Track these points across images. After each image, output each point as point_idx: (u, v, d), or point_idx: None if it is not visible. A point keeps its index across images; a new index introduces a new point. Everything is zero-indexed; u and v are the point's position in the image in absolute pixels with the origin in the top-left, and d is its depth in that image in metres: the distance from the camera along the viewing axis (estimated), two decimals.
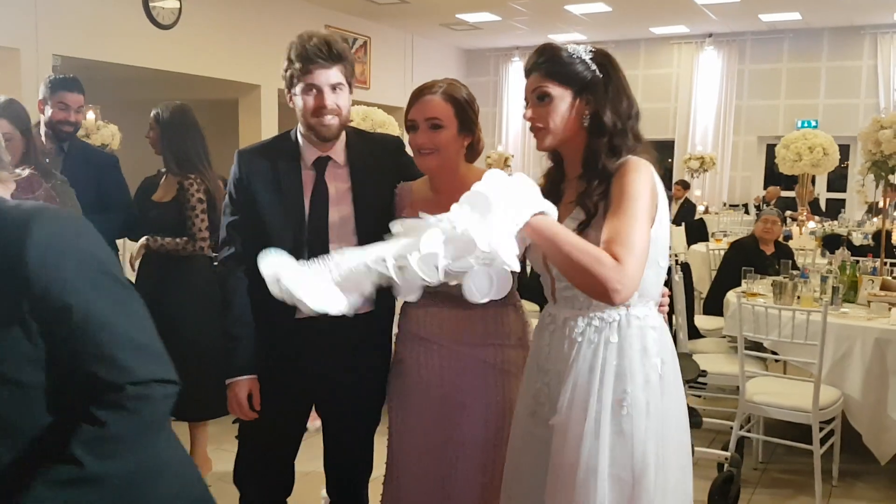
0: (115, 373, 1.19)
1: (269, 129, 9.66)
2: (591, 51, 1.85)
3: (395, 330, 2.40)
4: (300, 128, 2.26)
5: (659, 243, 1.79)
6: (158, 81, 8.82)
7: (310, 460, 2.63)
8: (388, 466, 2.34)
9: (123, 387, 1.19)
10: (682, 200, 10.69)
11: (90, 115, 6.12)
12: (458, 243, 1.54)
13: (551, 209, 1.66)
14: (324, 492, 2.64)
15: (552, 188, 1.92)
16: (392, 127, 4.70)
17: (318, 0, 10.11)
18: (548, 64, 1.83)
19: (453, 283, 1.62)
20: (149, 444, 1.26)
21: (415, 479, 2.25)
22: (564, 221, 1.79)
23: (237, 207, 2.27)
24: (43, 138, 3.42)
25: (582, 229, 1.77)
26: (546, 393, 1.88)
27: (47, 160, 3.03)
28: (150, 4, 8.27)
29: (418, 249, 1.53)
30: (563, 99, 1.82)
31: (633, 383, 1.77)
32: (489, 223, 1.53)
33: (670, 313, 4.50)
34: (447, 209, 1.80)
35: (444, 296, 2.14)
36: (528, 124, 1.90)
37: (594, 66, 1.82)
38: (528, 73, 1.89)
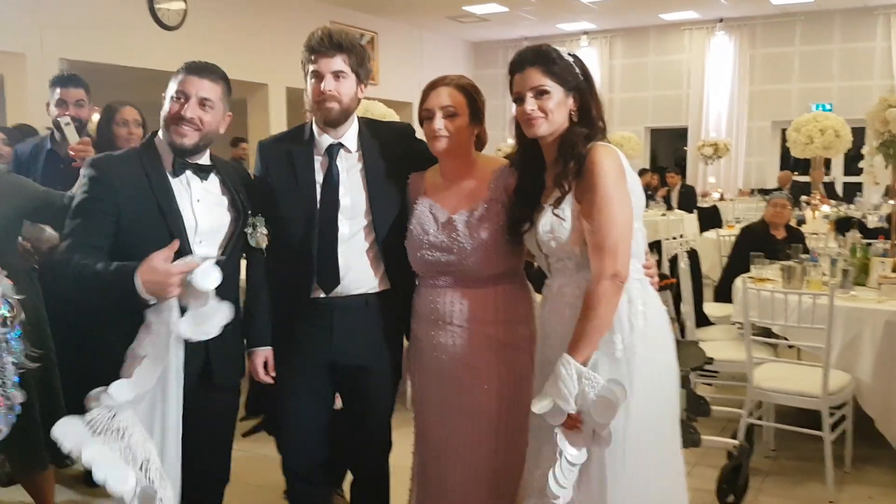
0: None
1: (277, 127, 9.65)
2: (571, 55, 2.15)
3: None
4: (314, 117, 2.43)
5: (633, 210, 2.09)
6: (165, 82, 8.81)
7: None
8: (415, 435, 2.53)
9: None
10: (678, 186, 10.57)
11: (95, 117, 6.12)
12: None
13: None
14: None
15: (534, 175, 2.22)
16: (392, 119, 4.66)
17: None
18: (547, 64, 2.10)
19: None
20: None
21: (437, 445, 2.43)
22: (546, 201, 2.15)
23: (255, 194, 2.43)
24: (56, 138, 3.42)
25: (558, 204, 2.10)
26: (554, 356, 2.09)
27: None
28: (156, 6, 8.28)
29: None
30: (558, 94, 2.11)
31: (622, 330, 2.06)
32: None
33: (677, 301, 4.45)
34: (456, 195, 2.35)
35: (458, 274, 2.34)
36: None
37: (578, 70, 2.13)
38: (520, 68, 2.14)
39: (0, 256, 2.41)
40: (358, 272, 2.39)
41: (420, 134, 2.55)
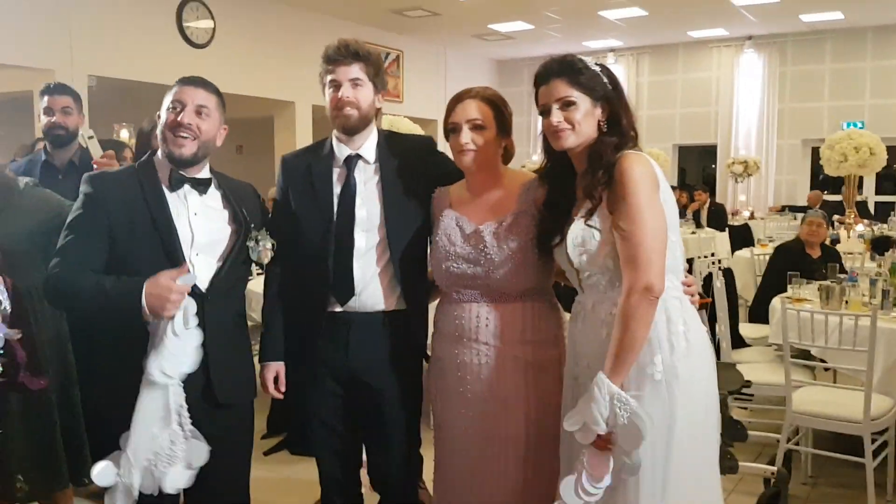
0: None
1: (304, 144, 9.63)
2: (598, 64, 2.10)
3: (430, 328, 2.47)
4: (333, 129, 2.42)
5: (668, 222, 2.01)
6: None
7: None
8: (435, 464, 2.40)
9: None
10: (707, 204, 10.41)
11: (123, 133, 6.15)
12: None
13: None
14: None
15: (564, 188, 2.16)
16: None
17: (350, 16, 10.14)
18: (572, 74, 2.05)
19: None
20: None
21: (460, 474, 2.30)
22: (576, 213, 2.08)
23: (278, 209, 2.45)
24: (48, 148, 3.40)
25: (590, 215, 2.02)
26: (588, 375, 2.00)
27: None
28: (185, 24, 8.36)
29: None
30: (585, 105, 2.05)
31: (661, 351, 1.96)
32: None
33: (712, 321, 4.33)
34: (483, 208, 2.28)
35: (484, 287, 2.24)
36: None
37: (606, 80, 2.07)
38: (545, 80, 2.08)
39: (24, 270, 2.37)
40: (375, 288, 2.34)
41: (442, 147, 2.51)
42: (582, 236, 2.04)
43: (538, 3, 9.93)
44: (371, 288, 2.34)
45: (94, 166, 3.16)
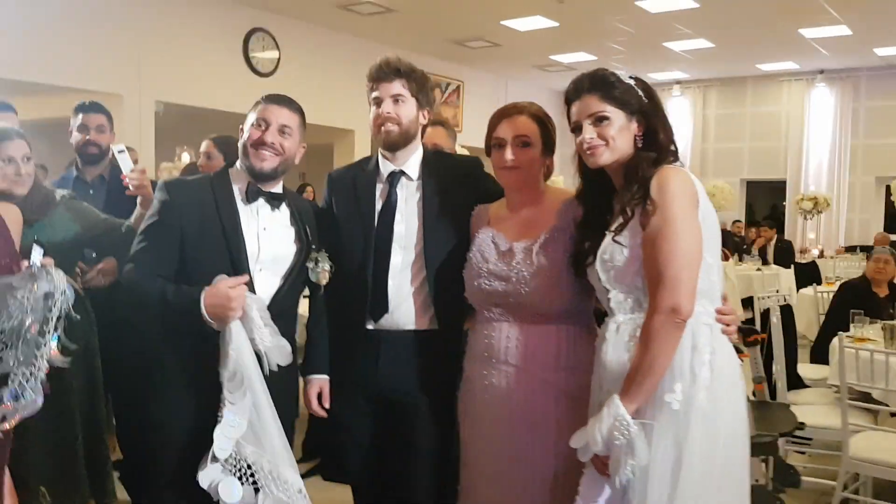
0: None
1: None
2: (632, 77, 2.02)
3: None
4: (378, 146, 2.43)
5: (705, 242, 1.90)
6: None
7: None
8: (460, 488, 2.33)
9: None
10: (774, 241, 10.07)
11: (185, 157, 6.27)
12: None
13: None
14: None
15: (601, 208, 2.07)
16: None
17: (412, 46, 10.23)
18: (605, 88, 1.98)
19: None
20: None
21: (486, 499, 2.23)
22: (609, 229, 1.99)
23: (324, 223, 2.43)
24: (79, 165, 3.46)
25: (620, 230, 1.94)
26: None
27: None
28: (251, 54, 8.56)
29: None
30: (619, 120, 1.97)
31: (682, 379, 1.85)
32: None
33: (768, 360, 4.15)
34: (520, 226, 2.23)
35: (515, 305, 2.16)
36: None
37: (641, 93, 1.99)
38: (577, 96, 2.02)
39: None
40: (408, 306, 2.31)
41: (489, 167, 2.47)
42: (610, 251, 1.96)
43: (601, 34, 9.87)
44: (404, 306, 2.32)
45: (123, 181, 3.18)
